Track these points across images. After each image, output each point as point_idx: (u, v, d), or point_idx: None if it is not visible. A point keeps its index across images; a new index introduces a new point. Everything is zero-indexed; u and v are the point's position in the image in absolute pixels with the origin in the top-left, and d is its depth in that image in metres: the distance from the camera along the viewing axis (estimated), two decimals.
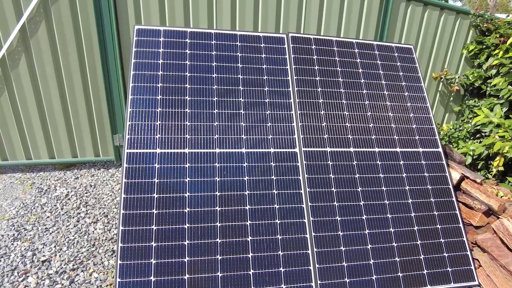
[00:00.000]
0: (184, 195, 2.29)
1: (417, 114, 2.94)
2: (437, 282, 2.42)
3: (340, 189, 2.52)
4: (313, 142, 2.61)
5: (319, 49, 2.94)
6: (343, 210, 2.46)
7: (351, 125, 2.74)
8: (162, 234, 2.18)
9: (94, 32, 3.17)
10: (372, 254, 2.40)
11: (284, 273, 2.22)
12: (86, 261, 2.44)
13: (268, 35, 2.89)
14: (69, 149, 3.49)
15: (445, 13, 3.89)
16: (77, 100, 3.34)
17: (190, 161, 2.39)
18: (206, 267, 2.15)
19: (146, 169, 2.31)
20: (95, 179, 3.49)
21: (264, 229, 2.31)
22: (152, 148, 2.38)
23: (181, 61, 2.64)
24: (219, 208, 2.31)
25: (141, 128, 2.41)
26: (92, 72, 3.30)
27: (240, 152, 2.48)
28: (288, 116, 2.65)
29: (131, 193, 2.24)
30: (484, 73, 3.99)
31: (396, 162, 2.72)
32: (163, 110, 2.48)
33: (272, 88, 2.71)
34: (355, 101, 2.82)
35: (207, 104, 2.56)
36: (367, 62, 3.01)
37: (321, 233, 2.36)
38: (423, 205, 2.63)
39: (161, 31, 2.71)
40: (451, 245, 2.56)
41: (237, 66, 2.72)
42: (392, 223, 2.52)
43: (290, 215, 2.38)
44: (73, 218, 2.87)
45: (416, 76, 3.10)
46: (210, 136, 2.48)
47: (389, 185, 2.63)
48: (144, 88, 2.52)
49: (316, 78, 2.82)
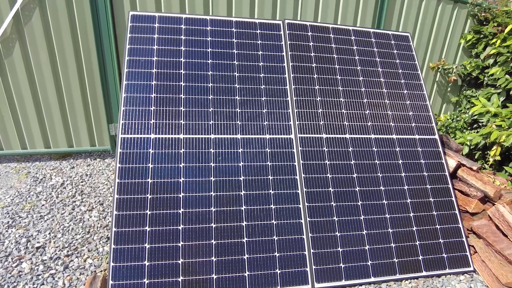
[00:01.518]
0: (178, 180, 2.28)
1: (413, 102, 2.93)
2: (433, 268, 2.42)
3: (335, 175, 2.50)
4: (309, 128, 2.59)
5: (316, 36, 2.92)
6: (338, 196, 2.45)
7: (347, 112, 2.72)
8: (156, 219, 2.17)
9: (89, 19, 3.15)
10: (368, 239, 2.39)
11: (279, 258, 2.21)
12: (81, 248, 2.43)
13: (264, 21, 2.87)
14: (65, 139, 3.47)
15: (443, 2, 3.86)
16: (72, 89, 3.32)
17: (184, 147, 2.37)
18: (200, 252, 2.14)
19: (140, 154, 2.30)
20: (91, 169, 3.47)
21: (259, 215, 2.30)
22: (146, 133, 2.36)
23: (176, 47, 2.62)
24: (213, 194, 2.29)
25: (135, 113, 2.39)
26: (87, 61, 3.27)
27: (235, 138, 2.47)
28: (284, 102, 2.64)
29: (125, 178, 2.23)
30: (481, 62, 3.97)
31: (392, 148, 2.71)
32: (157, 96, 2.46)
33: (267, 75, 2.69)
34: (351, 88, 2.81)
35: (202, 90, 2.54)
36: (364, 49, 2.99)
37: (316, 218, 2.35)
38: (419, 191, 2.62)
39: (156, 17, 2.68)
40: (447, 232, 2.55)
41: (233, 52, 2.70)
42: (388, 209, 2.51)
43: (285, 201, 2.37)
44: (68, 206, 2.86)
45: (413, 64, 3.08)
46: (205, 122, 2.46)
47: (385, 171, 2.62)
48: (139, 74, 2.50)
49: (312, 65, 2.80)
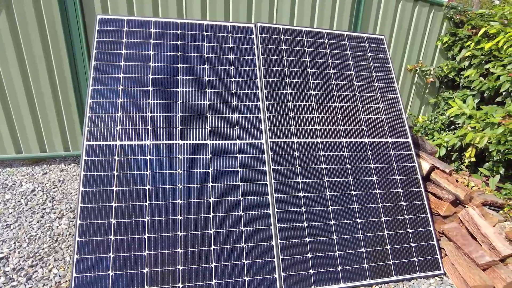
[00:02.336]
0: (144, 188, 2.24)
1: (387, 105, 2.93)
2: (403, 272, 2.42)
3: (306, 180, 2.49)
4: (280, 133, 2.57)
5: (288, 39, 2.90)
6: (308, 202, 2.43)
7: (318, 116, 2.71)
8: (121, 228, 2.13)
9: (58, 21, 3.08)
10: (338, 245, 2.38)
11: (247, 265, 2.19)
12: (47, 257, 2.38)
13: (236, 24, 2.84)
14: (37, 143, 3.40)
15: (419, 5, 3.88)
16: (43, 92, 3.25)
17: (152, 153, 2.33)
18: (167, 260, 2.10)
19: (105, 162, 2.25)
20: (64, 174, 3.41)
21: (227, 223, 2.27)
22: (112, 140, 2.31)
23: (145, 51, 2.58)
24: (181, 201, 2.26)
25: (101, 119, 2.34)
26: (58, 64, 3.21)
27: (204, 144, 2.44)
28: (255, 107, 2.61)
29: (90, 186, 2.18)
30: (457, 64, 4.00)
31: (364, 152, 2.71)
32: (124, 101, 2.41)
33: (239, 79, 2.67)
34: (323, 92, 2.80)
35: (171, 95, 2.50)
36: (337, 52, 2.98)
37: (285, 224, 2.34)
38: (390, 195, 2.63)
39: (124, 21, 2.63)
40: (418, 235, 2.56)
41: (203, 56, 2.67)
42: (359, 214, 2.50)
43: (255, 207, 2.34)
44: (37, 214, 2.80)
45: (387, 67, 3.08)
46: (173, 128, 2.43)
47: (356, 175, 2.61)
48: (106, 79, 2.45)
49: (285, 69, 2.78)
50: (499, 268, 2.29)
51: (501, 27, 3.48)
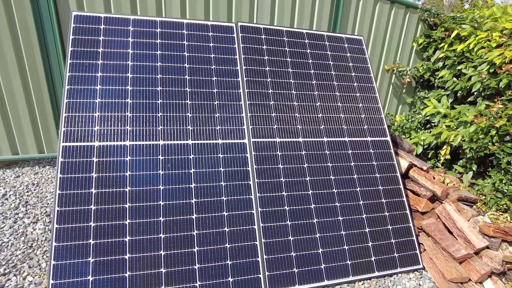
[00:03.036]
0: (124, 189, 2.18)
1: (366, 104, 2.99)
2: (384, 268, 2.47)
3: (288, 179, 2.50)
4: (263, 132, 2.57)
5: (269, 39, 2.90)
6: (291, 200, 2.44)
7: (300, 116, 2.73)
8: (101, 231, 2.06)
9: (30, 17, 2.95)
10: (321, 243, 2.41)
11: (231, 266, 2.17)
12: (21, 264, 2.27)
13: (216, 23, 2.81)
14: (8, 146, 3.24)
15: (395, 7, 3.99)
16: (15, 92, 3.11)
17: (131, 154, 2.27)
18: (149, 264, 2.06)
19: (83, 164, 2.18)
20: (39, 177, 3.27)
21: (211, 223, 2.24)
22: (90, 141, 2.24)
23: (123, 49, 2.51)
24: (162, 203, 2.22)
25: (78, 120, 2.26)
26: (30, 62, 3.07)
27: (185, 144, 2.40)
28: (237, 106, 2.60)
29: (67, 189, 2.10)
30: (432, 65, 4.14)
31: (344, 151, 2.75)
32: (102, 101, 2.34)
33: (220, 78, 2.64)
34: (304, 91, 2.82)
35: (150, 94, 2.45)
36: (317, 52, 3.01)
37: (269, 223, 2.34)
38: (371, 193, 2.68)
39: (101, 18, 2.56)
40: (398, 232, 2.62)
41: (183, 55, 2.63)
42: (341, 212, 2.54)
43: (238, 207, 2.33)
44: (9, 219, 2.67)
45: (366, 67, 3.15)
46: (153, 128, 2.38)
47: (337, 173, 2.65)
48: (82, 78, 2.37)
49: (266, 68, 2.78)
50: (474, 260, 2.39)
51: (472, 30, 3.63)
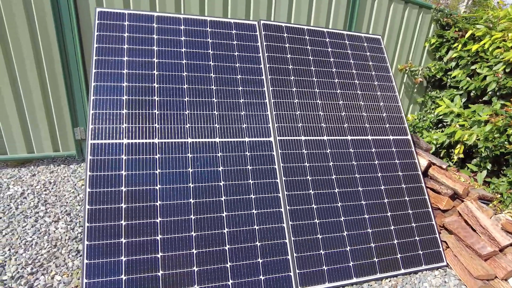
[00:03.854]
0: (155, 187, 2.16)
1: (386, 103, 3.00)
2: (410, 265, 2.49)
3: (315, 177, 2.50)
4: (288, 131, 2.57)
5: (291, 37, 2.90)
6: (318, 199, 2.44)
7: (324, 114, 2.73)
8: (132, 229, 2.04)
9: (48, 11, 2.91)
10: (348, 240, 2.41)
11: (262, 264, 2.17)
12: (47, 264, 2.24)
13: (239, 21, 2.80)
14: (24, 144, 3.19)
15: (409, 7, 4.02)
16: (32, 90, 3.06)
17: (160, 152, 2.25)
18: (181, 262, 2.04)
19: (112, 161, 2.15)
20: (55, 176, 3.22)
21: (240, 220, 2.24)
22: (119, 138, 2.22)
23: (148, 46, 2.49)
24: (193, 201, 2.20)
25: (105, 117, 2.24)
26: (48, 59, 3.03)
27: (213, 142, 2.39)
28: (262, 104, 2.59)
29: (97, 187, 2.08)
30: (444, 65, 4.18)
31: (368, 149, 2.76)
32: (129, 98, 2.32)
33: (245, 76, 2.63)
34: (327, 90, 2.82)
35: (177, 92, 2.43)
36: (338, 51, 3.02)
37: (297, 221, 2.33)
38: (395, 191, 2.69)
39: (125, 15, 2.53)
40: (421, 229, 2.64)
41: (208, 52, 2.62)
42: (367, 210, 2.55)
43: (267, 205, 2.32)
44: (30, 218, 2.63)
45: (385, 66, 3.16)
46: (181, 125, 2.36)
47: (362, 172, 2.66)
48: (108, 75, 2.34)
49: (289, 67, 2.78)
50: (499, 258, 2.41)
51: (487, 30, 3.66)
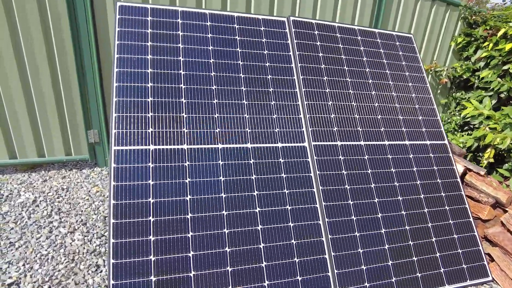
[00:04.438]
0: (185, 198, 1.98)
1: (421, 105, 2.83)
2: (454, 281, 2.31)
3: (353, 186, 2.32)
4: (323, 135, 2.39)
5: (322, 35, 2.71)
6: (358, 209, 2.27)
7: (359, 117, 2.55)
8: (162, 246, 1.85)
9: (63, 8, 2.71)
10: (390, 254, 2.24)
11: (302, 282, 1.99)
12: (65, 281, 2.05)
13: (268, 18, 2.61)
14: (35, 147, 3.00)
15: (436, 4, 3.84)
16: (44, 90, 2.86)
17: (189, 159, 2.07)
18: (214, 277, 1.86)
19: (138, 170, 1.96)
20: (67, 182, 3.03)
21: (277, 234, 2.05)
22: (144, 144, 2.03)
23: (173, 44, 2.30)
24: (225, 213, 2.02)
25: (130, 120, 2.05)
26: (61, 57, 2.83)
27: (245, 148, 2.20)
28: (294, 107, 2.41)
29: (122, 198, 1.89)
30: (472, 65, 4.00)
31: (406, 155, 2.58)
32: (155, 100, 2.13)
33: (275, 76, 2.45)
34: (361, 91, 2.64)
35: (205, 93, 2.24)
36: (371, 50, 2.84)
37: (337, 235, 2.15)
38: (434, 200, 2.52)
39: (148, 9, 2.34)
40: (464, 241, 2.46)
41: (237, 51, 2.43)
42: (407, 220, 2.37)
43: (304, 217, 2.14)
44: (44, 229, 2.44)
45: (418, 66, 2.98)
46: (211, 130, 2.17)
47: (401, 180, 2.48)
48: (132, 74, 2.15)
49: (321, 66, 2.60)
50: None
51: None
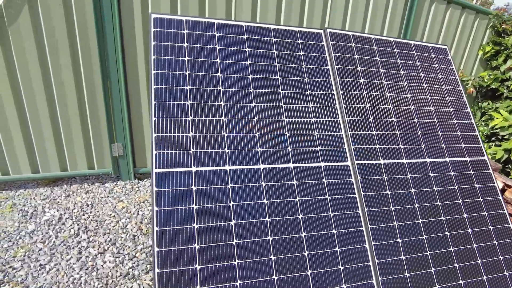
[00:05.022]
0: (229, 223, 1.89)
1: (459, 120, 2.74)
2: None
3: (397, 206, 2.23)
4: (365, 153, 2.30)
5: (359, 47, 2.62)
6: (403, 231, 2.18)
7: (400, 133, 2.46)
8: (208, 274, 1.76)
9: (90, 17, 2.62)
10: (437, 278, 2.15)
11: None
12: None
13: (305, 30, 2.52)
14: (57, 161, 2.90)
15: (466, 12, 3.75)
16: (68, 102, 2.77)
17: (232, 181, 1.98)
18: None
19: (181, 193, 1.87)
20: (91, 197, 2.93)
21: (324, 260, 1.96)
22: (186, 166, 1.93)
23: (211, 58, 2.21)
24: (271, 238, 1.92)
25: (170, 141, 1.95)
26: (87, 69, 2.74)
27: (287, 168, 2.11)
28: (335, 124, 2.32)
29: (166, 224, 1.79)
30: (501, 75, 3.92)
31: (446, 173, 2.49)
32: (194, 119, 2.04)
33: (315, 92, 2.36)
34: (401, 106, 2.55)
35: (244, 111, 2.15)
36: (407, 63, 2.75)
37: (384, 259, 2.07)
38: (478, 219, 2.43)
39: (183, 22, 2.24)
40: (509, 263, 2.38)
41: (275, 65, 2.34)
42: (452, 242, 2.29)
43: (350, 241, 2.05)
44: (73, 249, 2.34)
45: (455, 79, 2.89)
46: (252, 150, 2.08)
47: (444, 199, 2.39)
48: (170, 92, 2.06)
49: (360, 80, 2.51)
50: None
51: None
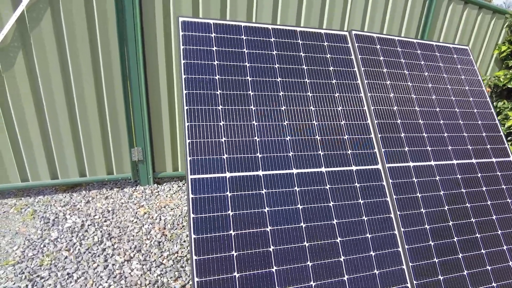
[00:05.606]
0: (265, 229, 1.86)
1: (484, 121, 2.73)
2: None
3: (428, 209, 2.22)
4: (395, 156, 2.28)
5: (384, 49, 2.60)
6: (434, 234, 2.16)
7: (428, 135, 2.45)
8: (247, 282, 1.73)
9: (112, 21, 2.58)
10: (470, 281, 2.14)
11: None
12: None
13: (330, 32, 2.50)
14: (76, 167, 2.86)
15: (483, 12, 3.74)
16: (88, 106, 2.73)
17: (266, 186, 1.95)
18: None
19: (217, 200, 1.84)
20: (111, 202, 2.89)
21: (359, 264, 1.94)
22: (221, 171, 1.90)
23: (240, 62, 2.18)
24: (307, 244, 1.90)
25: (204, 147, 1.92)
26: (107, 73, 2.70)
27: (320, 172, 2.09)
28: (364, 126, 2.30)
29: (203, 232, 1.76)
30: None
31: (474, 174, 2.48)
32: (226, 124, 2.01)
33: (343, 94, 2.33)
34: (427, 108, 2.54)
35: (275, 115, 2.12)
36: (431, 64, 2.73)
37: (417, 262, 2.05)
38: (507, 221, 2.42)
39: (211, 25, 2.21)
40: None
41: (303, 68, 2.31)
42: (482, 244, 2.27)
43: (384, 245, 2.03)
44: (98, 257, 2.30)
45: (477, 80, 2.88)
46: (284, 154, 2.05)
47: (472, 200, 2.38)
48: (201, 96, 2.03)
49: (387, 82, 2.49)
50: None
51: None
